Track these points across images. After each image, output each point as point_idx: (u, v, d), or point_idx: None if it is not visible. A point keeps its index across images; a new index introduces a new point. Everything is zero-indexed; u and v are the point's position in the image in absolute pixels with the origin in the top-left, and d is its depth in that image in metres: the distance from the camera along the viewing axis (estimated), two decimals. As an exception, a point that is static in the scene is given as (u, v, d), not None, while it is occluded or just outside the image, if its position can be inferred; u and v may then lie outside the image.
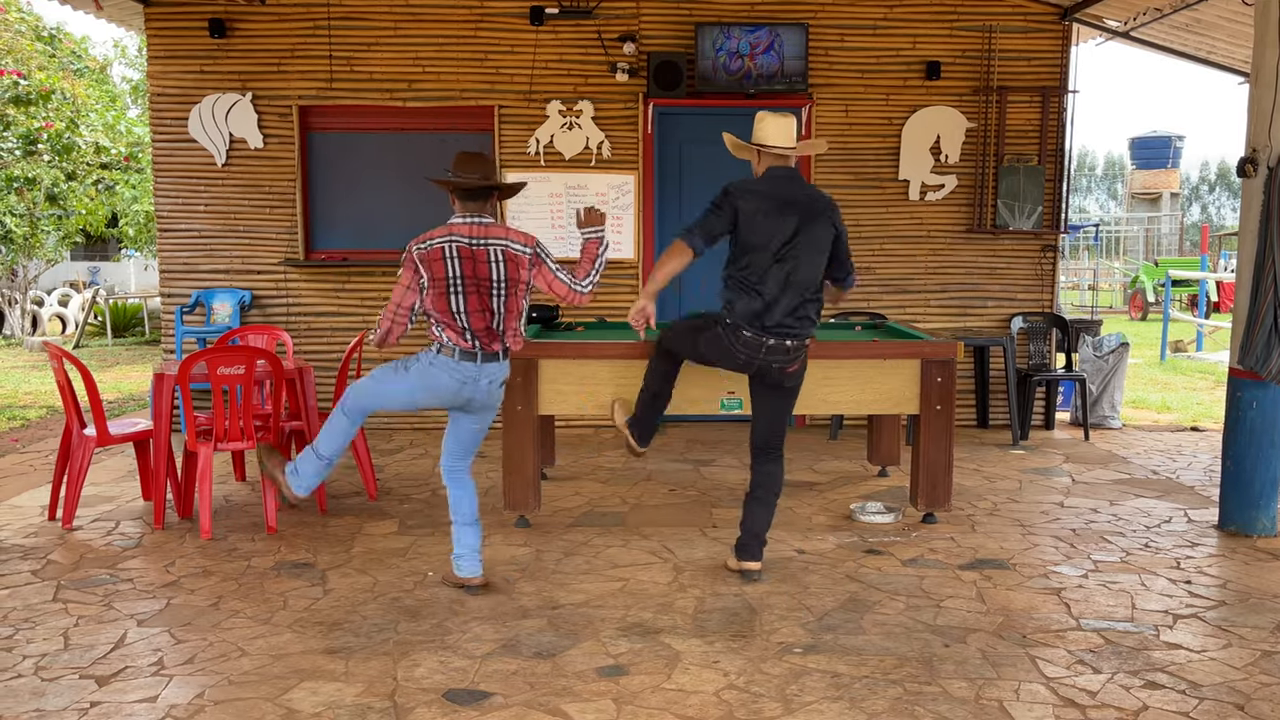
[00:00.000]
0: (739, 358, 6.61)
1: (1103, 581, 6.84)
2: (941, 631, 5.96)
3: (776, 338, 6.51)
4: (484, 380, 6.29)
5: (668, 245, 6.79)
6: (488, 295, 6.16)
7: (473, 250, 6.11)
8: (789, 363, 6.62)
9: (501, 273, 6.17)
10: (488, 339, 6.22)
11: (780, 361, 6.58)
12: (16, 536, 7.76)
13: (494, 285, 6.16)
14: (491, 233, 6.17)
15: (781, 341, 6.52)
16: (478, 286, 6.14)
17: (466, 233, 6.14)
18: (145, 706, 5.00)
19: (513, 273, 6.20)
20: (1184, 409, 14.18)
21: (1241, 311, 7.83)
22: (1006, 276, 12.15)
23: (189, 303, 11.85)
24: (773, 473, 6.89)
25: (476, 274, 6.12)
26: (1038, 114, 11.93)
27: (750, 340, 6.51)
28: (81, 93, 21.57)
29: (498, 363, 6.33)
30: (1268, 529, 7.86)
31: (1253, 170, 7.73)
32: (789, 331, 6.54)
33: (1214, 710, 4.99)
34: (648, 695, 5.14)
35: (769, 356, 6.55)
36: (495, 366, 6.32)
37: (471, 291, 6.14)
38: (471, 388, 6.27)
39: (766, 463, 6.89)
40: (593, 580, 6.85)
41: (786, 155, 6.72)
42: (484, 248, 6.13)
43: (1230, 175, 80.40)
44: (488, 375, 6.29)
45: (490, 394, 6.39)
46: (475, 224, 6.17)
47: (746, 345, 6.53)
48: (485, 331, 6.20)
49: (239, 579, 6.83)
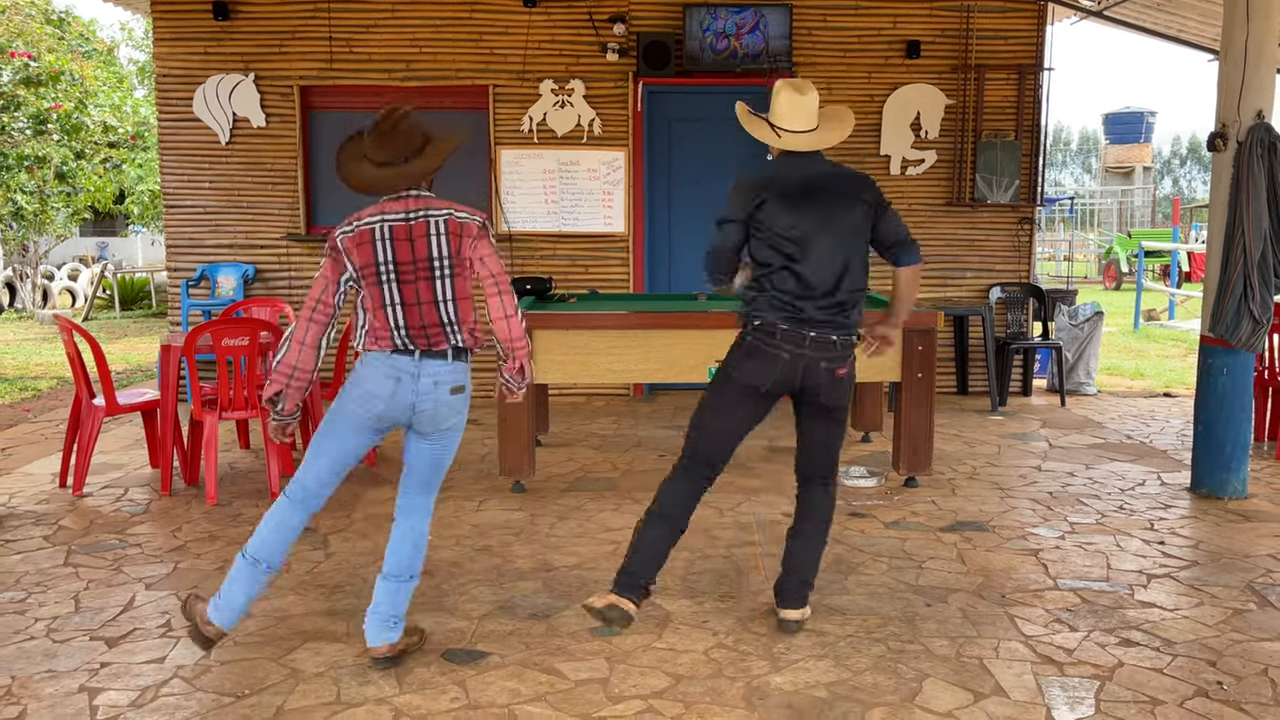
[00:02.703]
0: (783, 355, 5.24)
1: (1079, 543, 6.83)
2: (923, 591, 5.95)
3: (819, 330, 5.25)
4: (425, 379, 4.83)
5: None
6: (428, 281, 4.79)
7: (409, 225, 4.80)
8: (838, 361, 5.32)
9: (444, 247, 4.81)
10: (432, 336, 4.83)
11: (828, 359, 5.28)
12: (29, 503, 7.74)
13: (435, 266, 4.79)
14: (432, 204, 4.86)
15: (825, 335, 5.26)
16: (416, 271, 4.78)
17: (401, 208, 4.83)
18: (153, 667, 4.98)
19: (456, 247, 4.83)
20: (1157, 375, 14.18)
21: (1212, 281, 7.82)
22: (985, 248, 12.13)
23: (194, 276, 11.83)
24: (819, 502, 5.60)
25: (415, 255, 4.78)
26: (1014, 91, 11.90)
27: (790, 334, 5.23)
28: (89, 74, 21.46)
29: (445, 362, 4.87)
30: (1238, 491, 7.86)
31: (1223, 144, 7.71)
32: (829, 325, 5.28)
33: (1187, 666, 4.98)
34: (639, 654, 5.13)
35: (815, 352, 5.25)
36: (441, 366, 4.86)
37: (408, 279, 4.78)
38: (409, 388, 4.81)
39: (812, 490, 5.62)
40: (586, 543, 6.84)
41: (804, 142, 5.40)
42: (423, 219, 4.81)
43: (1201, 149, 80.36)
44: (430, 374, 4.83)
45: (438, 403, 4.89)
46: (411, 197, 4.85)
47: (788, 339, 5.23)
48: (429, 328, 4.82)
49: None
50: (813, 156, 5.43)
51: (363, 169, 4.82)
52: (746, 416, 5.42)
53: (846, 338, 5.34)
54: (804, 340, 5.23)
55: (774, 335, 5.25)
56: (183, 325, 11.79)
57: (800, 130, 5.36)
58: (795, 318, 5.24)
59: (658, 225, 12.09)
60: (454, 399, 4.93)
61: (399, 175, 4.79)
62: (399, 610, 5.05)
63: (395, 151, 4.77)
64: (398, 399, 4.83)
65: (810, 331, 5.24)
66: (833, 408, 5.43)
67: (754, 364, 5.31)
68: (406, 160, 4.78)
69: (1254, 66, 7.53)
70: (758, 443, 9.50)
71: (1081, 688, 4.76)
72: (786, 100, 5.34)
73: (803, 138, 5.37)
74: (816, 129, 5.40)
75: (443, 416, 4.93)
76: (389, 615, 5.02)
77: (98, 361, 7.94)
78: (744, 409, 5.39)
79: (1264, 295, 7.58)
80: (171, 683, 4.82)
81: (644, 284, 11.99)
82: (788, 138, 5.36)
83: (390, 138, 4.76)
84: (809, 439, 5.54)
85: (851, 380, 5.48)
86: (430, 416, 4.91)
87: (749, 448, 9.21)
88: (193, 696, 4.68)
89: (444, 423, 4.96)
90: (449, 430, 5.02)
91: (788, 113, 5.34)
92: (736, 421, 5.41)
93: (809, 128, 5.38)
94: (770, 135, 5.39)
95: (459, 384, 4.93)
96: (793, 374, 5.28)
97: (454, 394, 4.92)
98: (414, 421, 4.94)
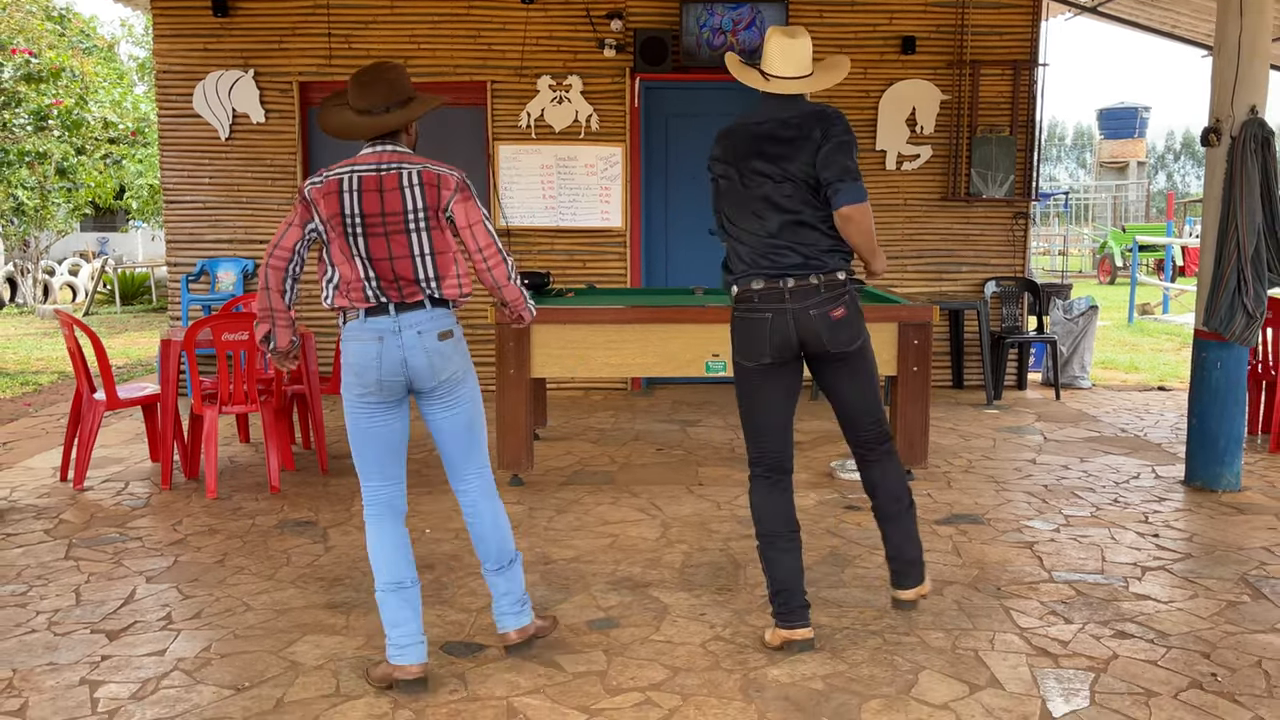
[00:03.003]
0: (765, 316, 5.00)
1: (1074, 535, 6.83)
2: (919, 584, 5.95)
3: (796, 277, 4.97)
4: (408, 331, 4.59)
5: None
6: (401, 235, 4.56)
7: (380, 177, 4.55)
8: (830, 304, 4.99)
9: (418, 199, 4.56)
10: (405, 289, 4.60)
11: (817, 305, 4.97)
12: (30, 497, 7.74)
13: (410, 219, 4.55)
14: (407, 158, 4.62)
15: (804, 280, 4.97)
16: (386, 225, 4.54)
17: (374, 160, 4.59)
18: (154, 659, 4.99)
19: (432, 199, 4.58)
20: (1151, 369, 14.19)
21: (1206, 275, 7.81)
22: (980, 243, 12.13)
23: (194, 271, 11.84)
24: (878, 478, 5.32)
25: (385, 208, 4.53)
26: (1009, 86, 11.89)
27: (767, 292, 5.00)
28: (90, 70, 21.45)
29: (425, 310, 4.63)
30: (1232, 484, 7.86)
31: (1216, 139, 7.71)
32: (803, 268, 4.98)
33: (1181, 658, 4.99)
34: (637, 647, 5.13)
35: (798, 302, 4.96)
36: (420, 315, 4.62)
37: (377, 232, 4.55)
38: (394, 343, 4.59)
39: (869, 468, 5.33)
40: (584, 536, 6.84)
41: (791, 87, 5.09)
42: (395, 171, 4.56)
43: (1195, 144, 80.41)
44: (410, 324, 4.60)
45: (428, 351, 4.63)
46: (385, 151, 4.63)
47: (765, 299, 5.01)
48: (401, 282, 4.59)
49: (243, 537, 6.81)
50: (792, 99, 5.11)
51: (343, 114, 4.71)
52: (779, 396, 5.18)
53: (829, 278, 5.02)
54: (783, 294, 4.99)
55: (753, 300, 5.05)
56: (183, 320, 11.78)
57: (789, 76, 5.07)
58: (767, 272, 5.01)
59: (655, 220, 12.08)
60: (443, 345, 4.68)
61: (377, 123, 4.64)
62: (517, 589, 4.98)
63: (375, 99, 4.64)
64: (386, 359, 4.60)
65: (788, 282, 4.98)
66: (846, 355, 5.11)
67: (747, 339, 5.10)
68: (387, 110, 4.65)
69: (1247, 62, 7.52)
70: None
71: (1076, 679, 4.77)
72: (776, 45, 5.06)
73: (790, 83, 5.08)
74: (810, 75, 5.11)
75: (438, 366, 4.67)
76: (514, 599, 4.96)
77: (98, 356, 7.94)
78: (771, 389, 5.16)
79: (1257, 289, 7.58)
80: (172, 675, 4.82)
81: (641, 279, 11.98)
82: (774, 83, 5.09)
83: (373, 86, 4.64)
84: (840, 402, 5.27)
85: (855, 323, 5.09)
86: (426, 370, 4.65)
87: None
88: (193, 689, 4.68)
89: (442, 373, 4.69)
90: (453, 382, 4.74)
91: (777, 58, 5.06)
92: (773, 406, 5.18)
93: (800, 74, 5.08)
94: (759, 81, 5.14)
95: (445, 329, 4.69)
96: (786, 332, 5.01)
97: (442, 339, 4.67)
98: (413, 381, 4.66)
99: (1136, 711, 4.46)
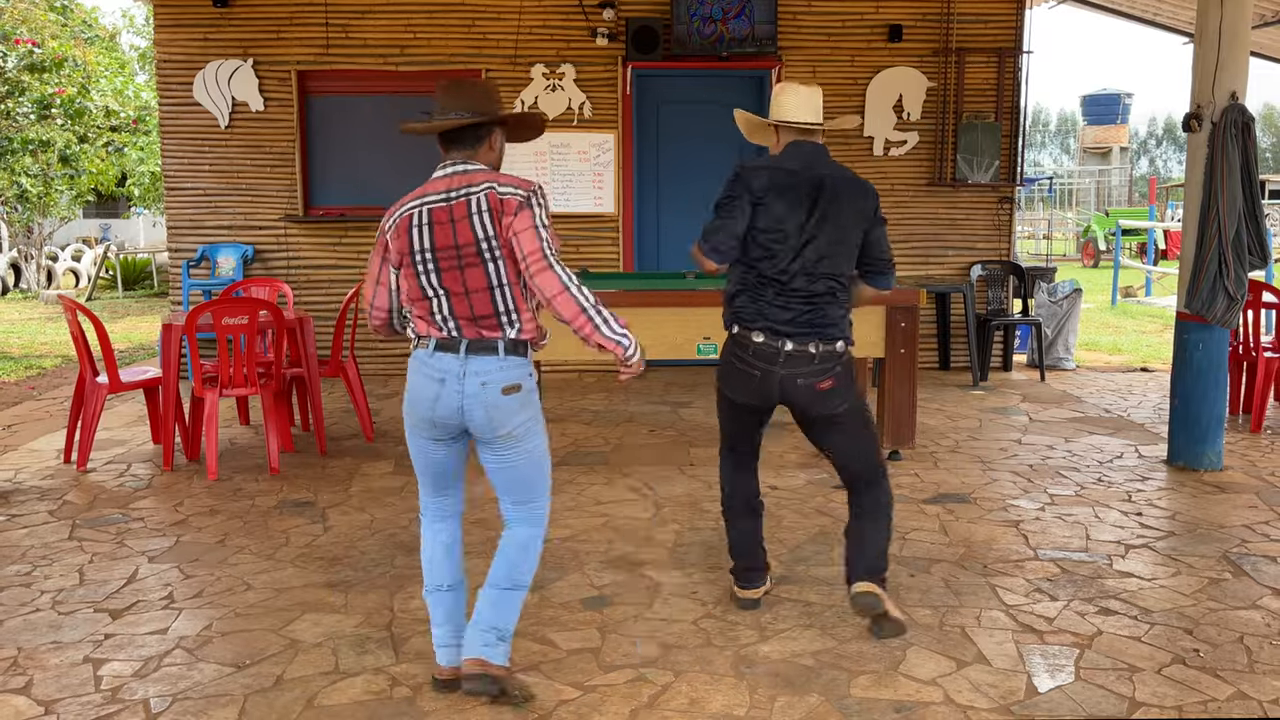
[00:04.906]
0: (754, 374, 4.94)
1: (1058, 514, 6.83)
2: (907, 562, 5.94)
3: (796, 341, 4.86)
4: (472, 378, 4.11)
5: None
6: (477, 268, 4.10)
7: (450, 207, 4.11)
8: (817, 375, 4.89)
9: (488, 227, 4.07)
10: (484, 325, 4.14)
11: (806, 375, 4.88)
12: (34, 479, 7.72)
13: (483, 249, 4.08)
14: (475, 179, 4.15)
15: (803, 347, 4.86)
16: (459, 258, 4.09)
17: (443, 187, 4.16)
18: (156, 638, 4.97)
19: (497, 226, 4.09)
20: (1134, 351, 14.19)
21: (1188, 259, 7.81)
22: (966, 227, 12.13)
23: (195, 257, 11.80)
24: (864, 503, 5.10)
25: (458, 240, 4.08)
26: (994, 74, 11.88)
27: (763, 349, 4.89)
28: (92, 60, 21.41)
29: (496, 358, 4.13)
30: (1214, 463, 7.86)
31: (1198, 125, 7.70)
32: (809, 333, 4.88)
33: (1164, 634, 4.99)
34: (630, 624, 5.12)
35: (789, 368, 4.87)
36: (491, 362, 4.12)
37: (451, 265, 4.11)
38: (454, 389, 4.13)
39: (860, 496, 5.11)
40: (578, 516, 6.83)
41: (812, 131, 5.05)
42: (463, 198, 4.10)
43: (1176, 130, 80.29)
44: (477, 372, 4.11)
45: (488, 406, 4.14)
46: (455, 174, 4.19)
47: (759, 356, 4.90)
48: (480, 319, 4.13)
49: (244, 517, 6.80)
50: (818, 153, 5.02)
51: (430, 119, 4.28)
52: (750, 420, 5.22)
53: (828, 348, 4.90)
54: (777, 356, 4.87)
55: (747, 350, 4.94)
56: (184, 305, 11.75)
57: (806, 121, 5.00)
58: (772, 326, 4.88)
59: (646, 206, 12.06)
60: (507, 400, 4.15)
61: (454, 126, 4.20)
62: (499, 623, 4.34)
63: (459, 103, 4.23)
64: (443, 403, 4.16)
65: (786, 344, 4.86)
66: (830, 416, 4.99)
67: (732, 380, 5.08)
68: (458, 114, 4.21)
69: (1228, 49, 7.51)
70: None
71: (1062, 655, 4.76)
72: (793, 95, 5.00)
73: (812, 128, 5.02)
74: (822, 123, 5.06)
75: (498, 421, 4.17)
76: (488, 626, 4.32)
77: (101, 340, 7.92)
78: (744, 416, 5.20)
79: (1238, 272, 7.58)
80: (174, 653, 4.81)
81: (633, 263, 11.96)
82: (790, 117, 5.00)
83: (458, 88, 4.27)
84: (829, 451, 5.14)
85: (844, 391, 4.96)
86: (483, 422, 4.17)
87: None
88: (195, 667, 4.67)
89: (500, 428, 4.19)
90: (510, 438, 4.24)
91: (792, 104, 4.99)
92: (743, 424, 5.24)
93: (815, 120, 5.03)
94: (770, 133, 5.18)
95: (513, 383, 4.16)
96: (769, 390, 4.96)
97: (506, 394, 4.15)
98: (468, 427, 4.23)
99: (1121, 686, 4.46)
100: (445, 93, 4.28)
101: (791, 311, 4.88)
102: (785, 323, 4.88)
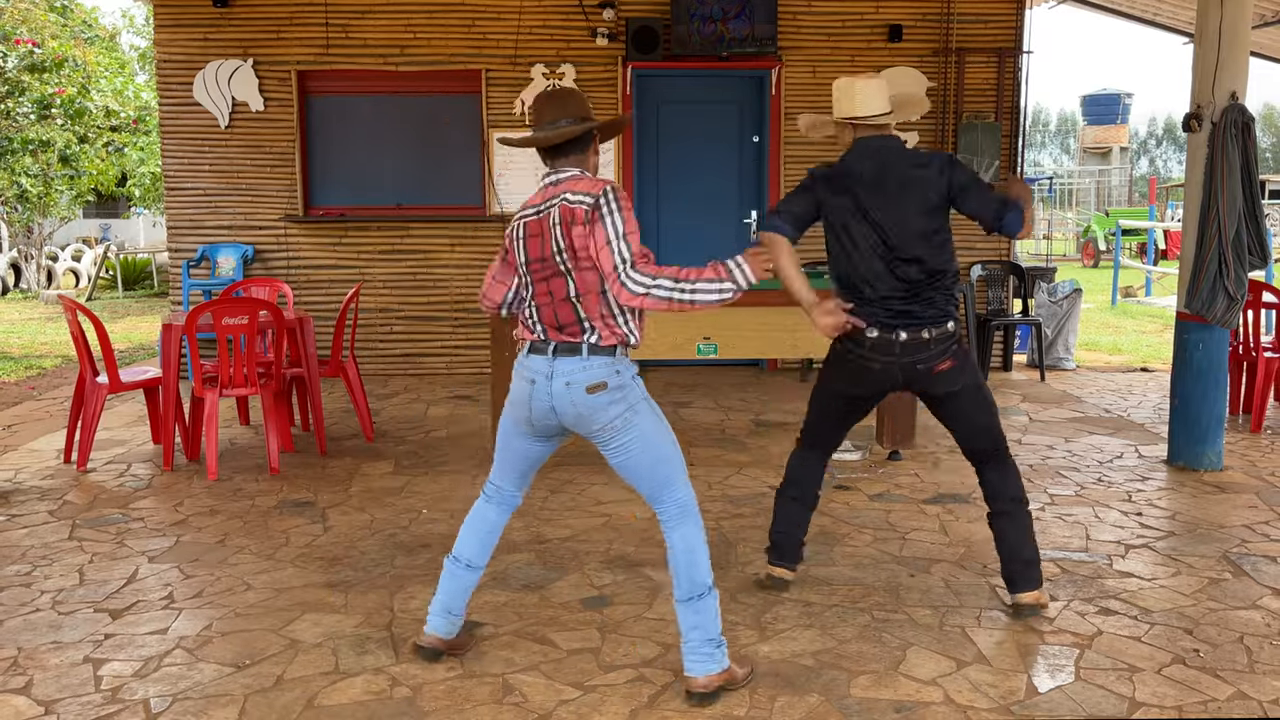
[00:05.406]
0: (875, 366, 5.11)
1: (1059, 514, 6.83)
2: (907, 562, 5.94)
3: (909, 331, 5.02)
4: (558, 379, 4.31)
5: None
6: (561, 278, 4.31)
7: (541, 220, 4.33)
8: (935, 358, 5.07)
9: (560, 240, 4.27)
10: (567, 331, 4.34)
11: (925, 359, 5.05)
12: (34, 478, 7.72)
13: (560, 261, 4.29)
14: (560, 189, 4.34)
15: (917, 334, 5.02)
16: (545, 269, 4.34)
17: (540, 200, 4.38)
18: (156, 638, 4.97)
19: (568, 239, 4.26)
20: (1134, 351, 14.19)
21: (1188, 259, 7.80)
22: (966, 227, 12.08)
23: (195, 257, 11.80)
24: (996, 481, 5.24)
25: (544, 252, 4.32)
26: (994, 74, 11.88)
27: (879, 343, 5.05)
28: (92, 60, 21.43)
29: (579, 359, 4.31)
30: (1214, 464, 7.85)
31: (1198, 125, 7.70)
32: (919, 322, 5.03)
33: (1164, 634, 4.98)
34: (630, 624, 5.12)
35: (908, 356, 5.05)
36: (574, 363, 4.31)
37: (539, 277, 4.36)
38: (544, 389, 4.35)
39: (985, 472, 5.27)
40: (578, 516, 6.83)
41: (883, 125, 5.11)
42: (549, 211, 4.31)
43: (1176, 130, 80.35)
44: (563, 373, 4.30)
45: (576, 404, 4.32)
46: (549, 184, 4.40)
47: (877, 349, 5.07)
48: (565, 326, 4.33)
49: (244, 517, 6.80)
50: (887, 143, 5.08)
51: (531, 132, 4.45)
52: (858, 408, 5.41)
53: (940, 331, 5.05)
54: (893, 347, 5.03)
55: (863, 345, 5.09)
56: (184, 305, 11.75)
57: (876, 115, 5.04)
58: (881, 320, 5.03)
59: (646, 206, 12.02)
60: (592, 398, 4.30)
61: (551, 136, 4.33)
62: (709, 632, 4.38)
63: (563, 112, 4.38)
64: (536, 403, 4.39)
65: (900, 335, 5.02)
66: (954, 393, 5.16)
67: (846, 373, 5.25)
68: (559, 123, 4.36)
69: (1228, 49, 7.50)
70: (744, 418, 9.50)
71: (1062, 655, 4.76)
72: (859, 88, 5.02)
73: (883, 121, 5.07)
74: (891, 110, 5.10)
75: (589, 418, 4.33)
76: (701, 640, 4.38)
77: (101, 340, 7.92)
78: (855, 404, 5.38)
79: (1238, 272, 7.57)
80: (174, 653, 4.81)
81: (634, 263, 11.91)
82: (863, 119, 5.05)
83: (561, 99, 4.41)
84: (952, 425, 5.28)
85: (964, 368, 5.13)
86: (576, 420, 4.36)
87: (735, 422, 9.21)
88: (195, 667, 4.67)
89: (593, 424, 4.34)
90: (610, 430, 4.35)
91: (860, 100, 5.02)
92: (846, 416, 5.44)
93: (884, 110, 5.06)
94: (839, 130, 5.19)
95: (596, 381, 4.30)
96: (892, 378, 5.14)
97: (591, 393, 4.30)
98: (566, 426, 4.45)
99: (1120, 686, 4.46)
100: (548, 103, 4.42)
101: (894, 304, 5.04)
102: (893, 316, 5.04)
